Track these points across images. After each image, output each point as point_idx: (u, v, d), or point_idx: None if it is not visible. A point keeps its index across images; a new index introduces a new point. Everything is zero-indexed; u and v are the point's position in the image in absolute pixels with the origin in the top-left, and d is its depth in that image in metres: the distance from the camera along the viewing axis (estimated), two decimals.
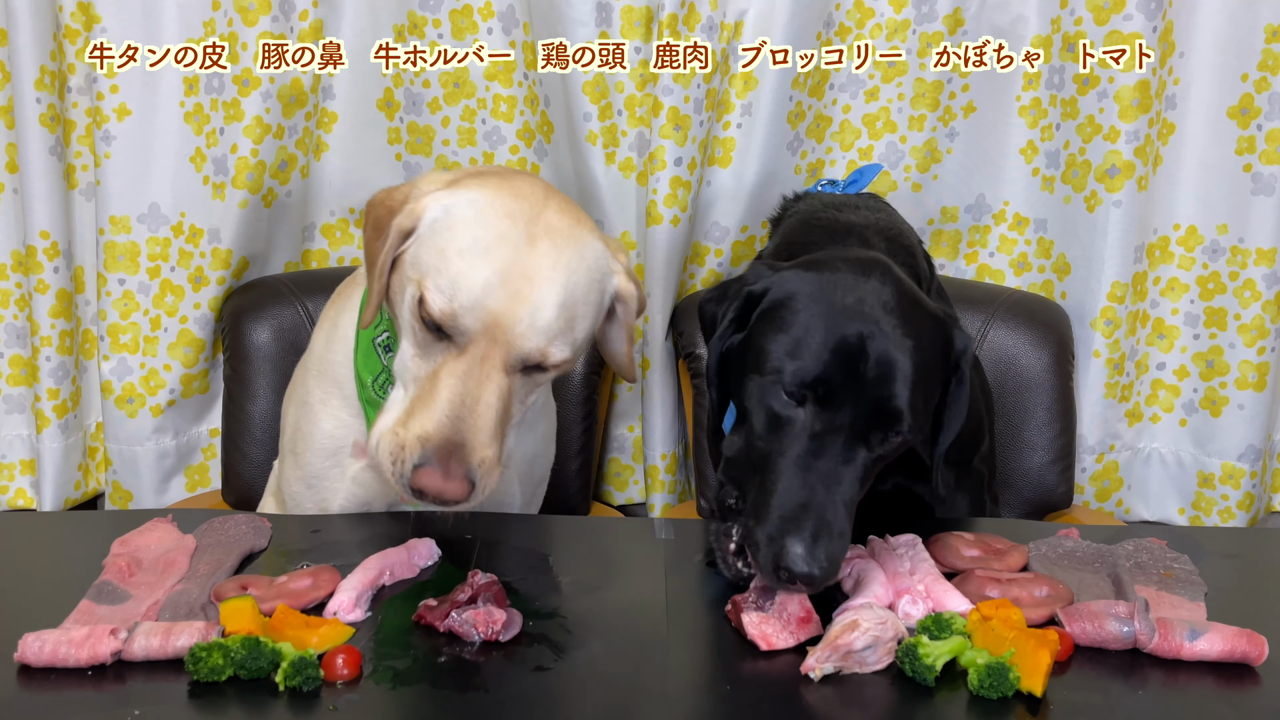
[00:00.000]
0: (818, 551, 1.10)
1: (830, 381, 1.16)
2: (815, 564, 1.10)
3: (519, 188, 1.25)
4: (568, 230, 1.23)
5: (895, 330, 1.19)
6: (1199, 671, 1.08)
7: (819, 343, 1.17)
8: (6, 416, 2.27)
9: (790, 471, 1.15)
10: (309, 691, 1.02)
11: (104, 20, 2.07)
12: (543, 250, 1.20)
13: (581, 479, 2.07)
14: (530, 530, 1.40)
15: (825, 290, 1.21)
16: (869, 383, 1.16)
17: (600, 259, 1.27)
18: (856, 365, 1.16)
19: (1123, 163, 2.05)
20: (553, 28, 2.06)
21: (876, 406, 1.17)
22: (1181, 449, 2.25)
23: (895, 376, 1.17)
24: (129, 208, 2.13)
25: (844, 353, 1.17)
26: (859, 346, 1.17)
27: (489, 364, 1.18)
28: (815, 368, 1.16)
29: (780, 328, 1.20)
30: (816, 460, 1.15)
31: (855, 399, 1.16)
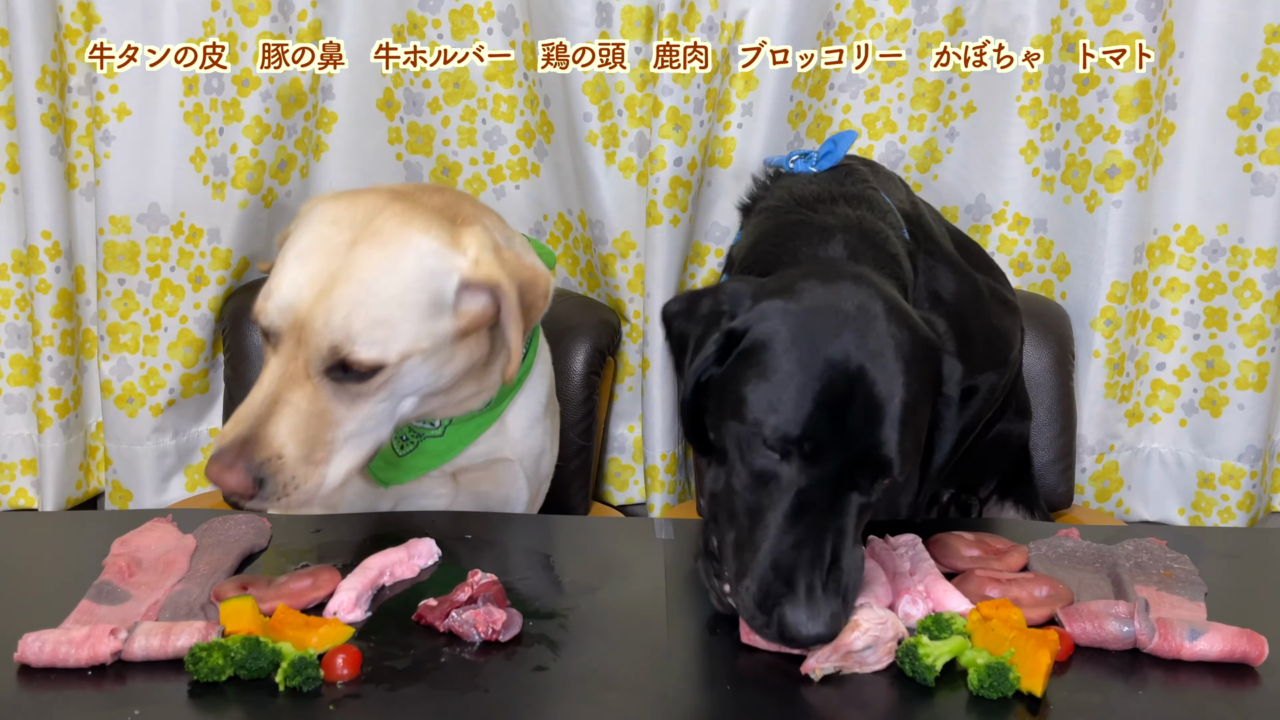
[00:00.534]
0: (818, 612, 1.05)
1: (815, 437, 1.10)
2: (816, 626, 1.05)
3: (362, 199, 1.27)
4: (391, 233, 1.23)
5: (881, 370, 1.12)
6: (1199, 671, 1.07)
7: (801, 394, 1.10)
8: (8, 416, 2.27)
9: (778, 529, 1.09)
10: (309, 691, 1.02)
11: (104, 20, 2.08)
12: (358, 253, 1.21)
13: (581, 479, 2.07)
14: (530, 530, 1.40)
15: (806, 330, 1.14)
16: (855, 432, 1.11)
17: (428, 257, 1.23)
18: (842, 416, 1.10)
19: (1123, 163, 2.05)
20: (553, 28, 2.06)
21: (864, 455, 1.11)
22: (1181, 449, 2.25)
23: (883, 422, 1.11)
24: (129, 208, 2.13)
25: (827, 404, 1.10)
26: (844, 395, 1.11)
27: (296, 365, 1.19)
28: (798, 422, 1.10)
29: (760, 374, 1.13)
30: (804, 515, 1.09)
31: (841, 450, 1.10)
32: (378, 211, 1.25)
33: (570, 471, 2.04)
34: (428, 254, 1.24)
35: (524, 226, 2.26)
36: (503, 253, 1.30)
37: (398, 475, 1.46)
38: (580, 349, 2.04)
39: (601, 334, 2.09)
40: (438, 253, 1.24)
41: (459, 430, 1.44)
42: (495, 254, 1.28)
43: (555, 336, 2.04)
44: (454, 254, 1.25)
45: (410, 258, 1.22)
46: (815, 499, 1.10)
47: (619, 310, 2.21)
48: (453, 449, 1.45)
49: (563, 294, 2.18)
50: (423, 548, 1.27)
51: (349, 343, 1.18)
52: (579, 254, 2.25)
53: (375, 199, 1.27)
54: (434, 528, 1.36)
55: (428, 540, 1.28)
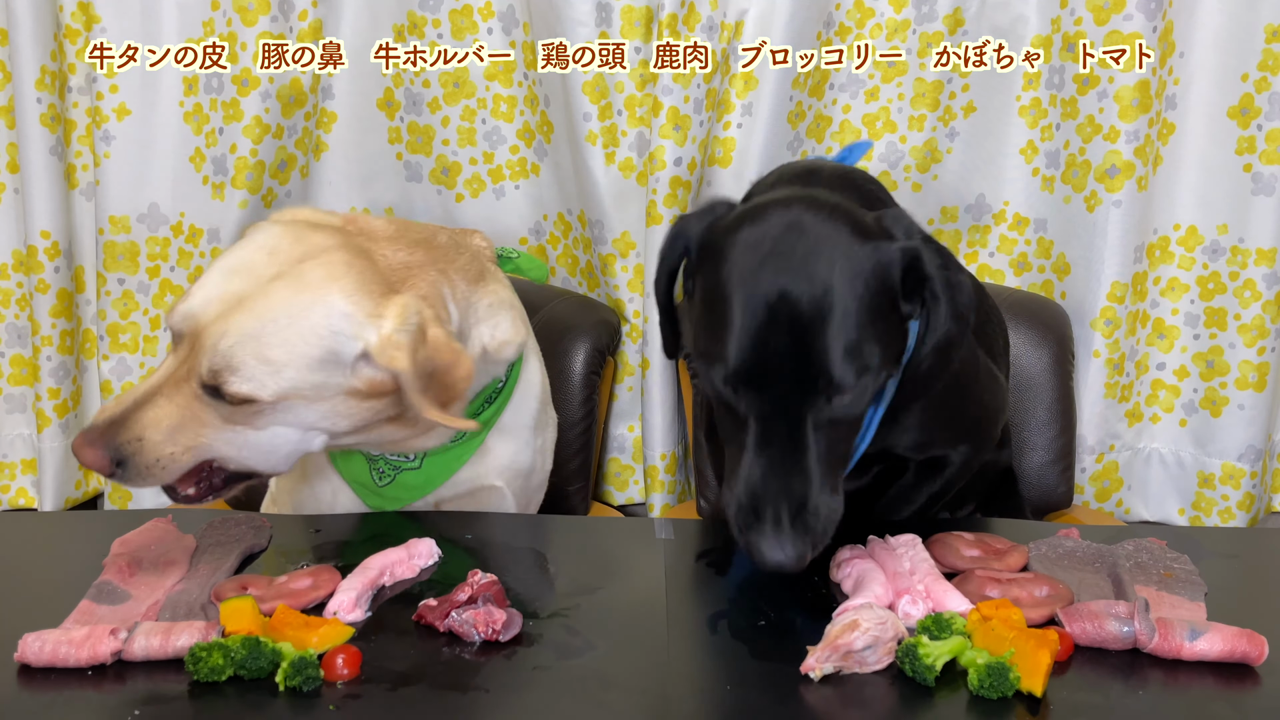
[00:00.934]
0: (782, 543, 1.10)
1: (749, 370, 1.11)
2: (780, 554, 1.10)
3: (311, 237, 1.27)
4: (313, 282, 1.23)
5: (808, 287, 1.11)
6: (1199, 671, 1.07)
7: (737, 327, 1.12)
8: (7, 416, 2.27)
9: (744, 460, 1.13)
10: (309, 691, 1.02)
11: (104, 20, 2.08)
12: (274, 289, 1.22)
13: (581, 479, 2.06)
14: (530, 530, 1.40)
15: (743, 255, 1.14)
16: (791, 357, 1.11)
17: (336, 319, 1.23)
18: (773, 344, 1.11)
19: (1123, 163, 2.05)
20: (553, 28, 2.06)
21: (807, 378, 1.11)
22: (1181, 449, 2.25)
23: (812, 334, 1.11)
24: (129, 207, 2.13)
25: (760, 334, 1.11)
26: (772, 321, 1.11)
27: (183, 369, 1.22)
28: (736, 359, 1.11)
29: (706, 307, 1.16)
30: (767, 446, 1.12)
31: (783, 376, 1.11)
32: (315, 256, 1.24)
33: (570, 471, 2.04)
34: (337, 316, 1.23)
35: (524, 227, 2.26)
36: (427, 332, 1.27)
37: (382, 503, 1.47)
38: (580, 349, 2.03)
39: (601, 334, 2.09)
40: (348, 317, 1.23)
41: (436, 462, 1.44)
42: (413, 337, 1.25)
43: (555, 336, 2.04)
44: (366, 325, 1.23)
45: (318, 313, 1.22)
46: (774, 427, 1.12)
47: (619, 310, 2.21)
48: (432, 481, 1.45)
49: (563, 294, 2.18)
50: (423, 548, 1.27)
51: (228, 371, 1.20)
52: (579, 254, 2.25)
53: (323, 241, 1.27)
54: (434, 528, 1.36)
55: (428, 540, 1.28)
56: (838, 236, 1.14)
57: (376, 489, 1.45)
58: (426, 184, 2.24)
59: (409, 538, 1.29)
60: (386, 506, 1.47)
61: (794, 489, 1.11)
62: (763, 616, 1.17)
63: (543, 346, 2.01)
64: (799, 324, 1.11)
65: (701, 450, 2.04)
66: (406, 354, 1.24)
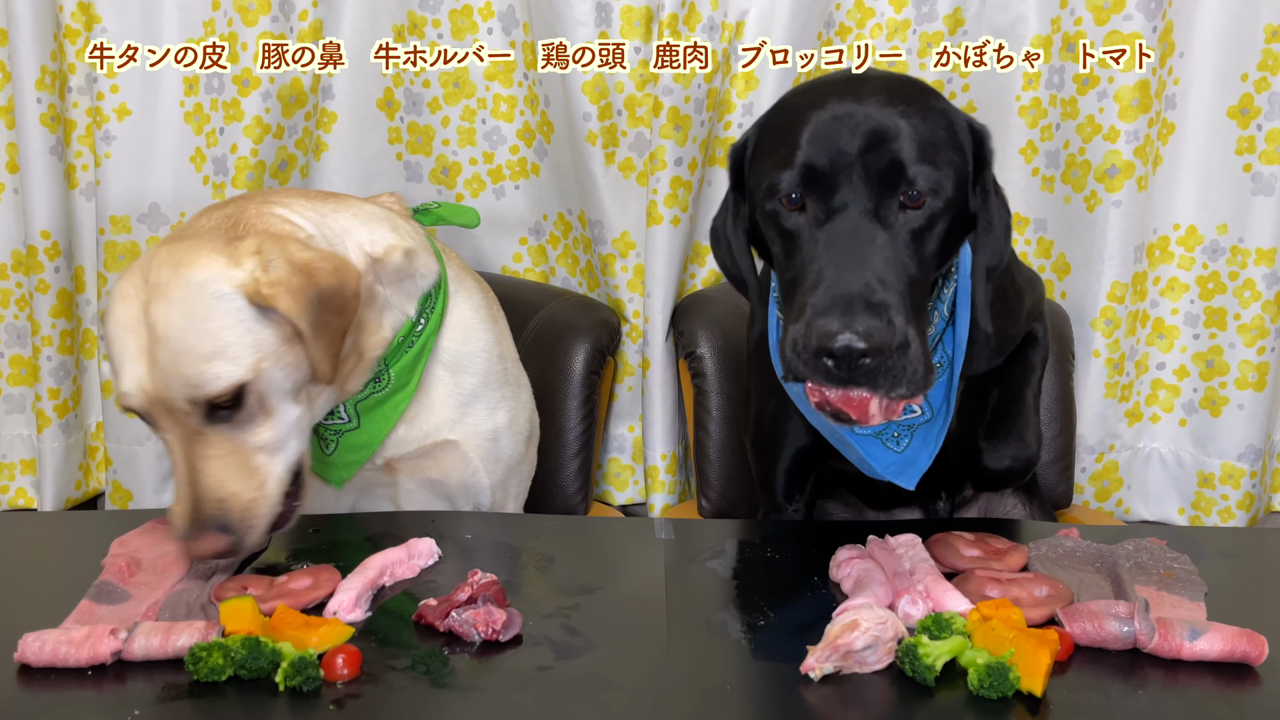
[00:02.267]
0: (852, 321, 1.02)
1: (815, 166, 1.09)
2: (852, 331, 1.01)
3: (134, 263, 1.29)
4: (166, 283, 1.24)
5: (879, 104, 1.11)
6: (1199, 671, 1.08)
7: (798, 140, 1.10)
8: (7, 416, 2.27)
9: (811, 270, 1.08)
10: (309, 691, 1.02)
11: (104, 20, 2.08)
12: (150, 315, 1.23)
13: (581, 479, 2.06)
14: (530, 530, 1.40)
15: (800, 102, 1.14)
16: (859, 153, 1.09)
17: (209, 286, 1.24)
18: (839, 143, 1.09)
19: (1122, 163, 2.05)
20: (553, 28, 2.06)
21: (875, 172, 1.09)
22: (1181, 449, 2.25)
23: (889, 138, 1.09)
24: (129, 207, 2.13)
25: (825, 137, 1.10)
26: (839, 128, 1.10)
27: (183, 428, 1.23)
28: (799, 161, 1.10)
29: (764, 154, 1.15)
30: (835, 246, 1.07)
31: (851, 173, 1.09)
32: (148, 267, 1.26)
33: (570, 472, 2.04)
34: (206, 284, 1.24)
35: (524, 226, 2.26)
36: (294, 257, 1.27)
37: (339, 473, 1.47)
38: (580, 349, 2.03)
39: (601, 334, 2.09)
40: (215, 278, 1.24)
41: (373, 417, 1.44)
42: (280, 267, 1.25)
43: (555, 336, 2.04)
44: (230, 274, 1.24)
45: (193, 296, 1.23)
46: (841, 228, 1.08)
47: (619, 310, 2.21)
48: (374, 438, 1.45)
49: (563, 294, 2.18)
50: (422, 547, 1.27)
51: (200, 388, 1.21)
52: (579, 254, 2.25)
53: (144, 255, 1.29)
54: (434, 528, 1.36)
55: (428, 540, 1.28)
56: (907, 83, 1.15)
57: (325, 459, 1.45)
58: (426, 184, 2.24)
59: (409, 538, 1.29)
60: (345, 476, 1.47)
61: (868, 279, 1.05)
62: (763, 616, 1.17)
63: (543, 346, 2.02)
64: (873, 126, 1.09)
65: (702, 450, 2.04)
66: (283, 289, 1.24)
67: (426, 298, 1.44)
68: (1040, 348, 1.51)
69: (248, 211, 1.34)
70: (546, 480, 2.00)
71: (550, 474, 2.00)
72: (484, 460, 1.53)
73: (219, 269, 1.24)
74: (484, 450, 1.53)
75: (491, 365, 1.53)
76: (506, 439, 1.57)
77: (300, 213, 1.36)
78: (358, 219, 1.41)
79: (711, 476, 2.04)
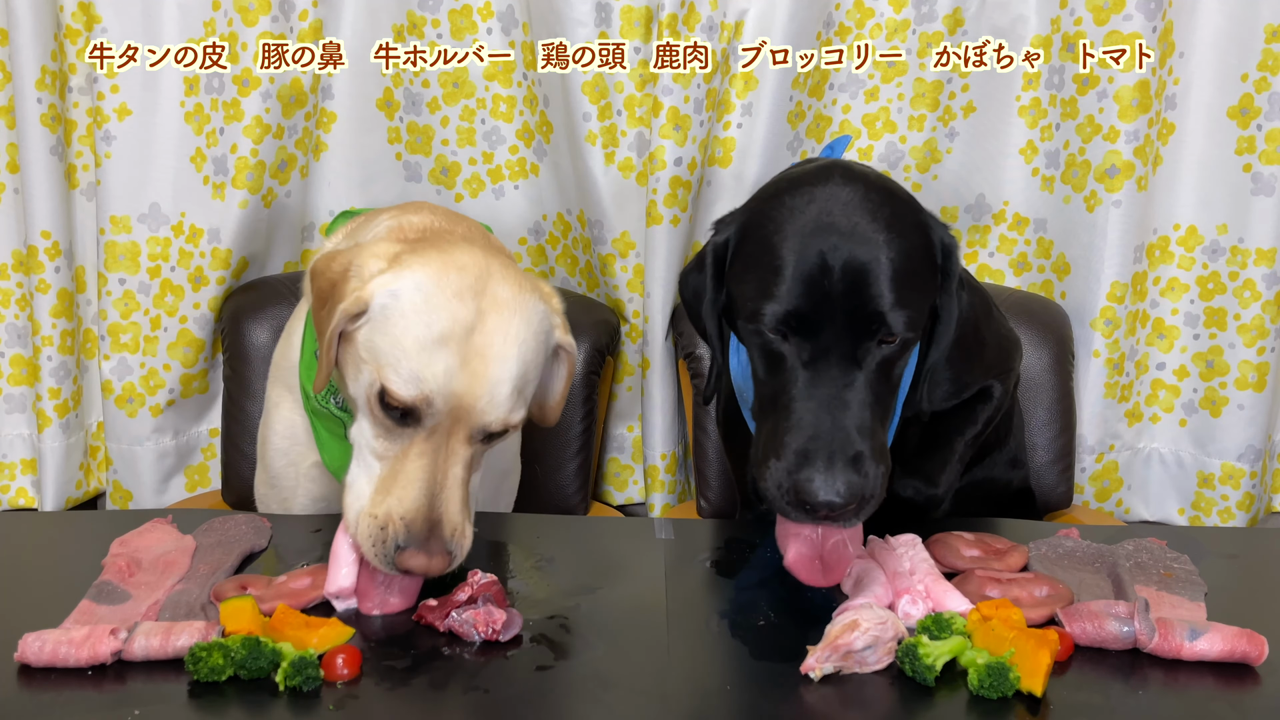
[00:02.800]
0: (833, 479, 1.10)
1: (801, 311, 1.14)
2: (832, 490, 1.09)
3: (461, 261, 1.26)
4: (513, 300, 1.25)
5: (860, 231, 1.15)
6: (1199, 671, 1.08)
7: (785, 273, 1.15)
8: (8, 416, 2.27)
9: (794, 406, 1.14)
10: (309, 691, 1.02)
11: (104, 20, 2.08)
12: (492, 326, 1.22)
13: (581, 479, 2.07)
14: (530, 530, 1.40)
15: (783, 213, 1.18)
16: (841, 297, 1.14)
17: (544, 319, 1.30)
18: (823, 284, 1.14)
19: (1122, 163, 2.05)
20: (552, 28, 2.06)
21: (856, 319, 1.15)
22: (1181, 449, 2.25)
23: (867, 281, 1.14)
24: (129, 208, 2.13)
25: (809, 276, 1.14)
26: (822, 263, 1.14)
27: (454, 441, 1.22)
28: (785, 300, 1.14)
29: (747, 266, 1.19)
30: (816, 389, 1.14)
31: (832, 319, 1.14)
32: (486, 274, 1.26)
33: (570, 472, 2.04)
34: (544, 316, 1.30)
35: (524, 227, 2.26)
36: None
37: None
38: (580, 349, 2.04)
39: (601, 334, 2.09)
40: (547, 315, 1.31)
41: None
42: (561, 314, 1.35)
43: None
44: (551, 313, 1.32)
45: (535, 322, 1.27)
46: (823, 371, 1.14)
47: (618, 310, 2.21)
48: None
49: (563, 294, 2.18)
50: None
51: (513, 413, 1.23)
52: (578, 254, 2.25)
53: (473, 258, 1.27)
54: None
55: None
56: (887, 200, 1.19)
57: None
58: (426, 184, 2.24)
59: None
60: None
61: (846, 428, 1.12)
62: (763, 616, 1.17)
63: None
64: (855, 269, 1.14)
65: (702, 450, 2.04)
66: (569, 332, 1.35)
67: None
68: (990, 406, 1.54)
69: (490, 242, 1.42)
70: (546, 480, 2.00)
71: (550, 474, 2.01)
72: (488, 492, 1.55)
73: (546, 306, 1.31)
74: (491, 485, 1.55)
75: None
76: (513, 475, 1.60)
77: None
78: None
79: (711, 476, 2.04)
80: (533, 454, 1.69)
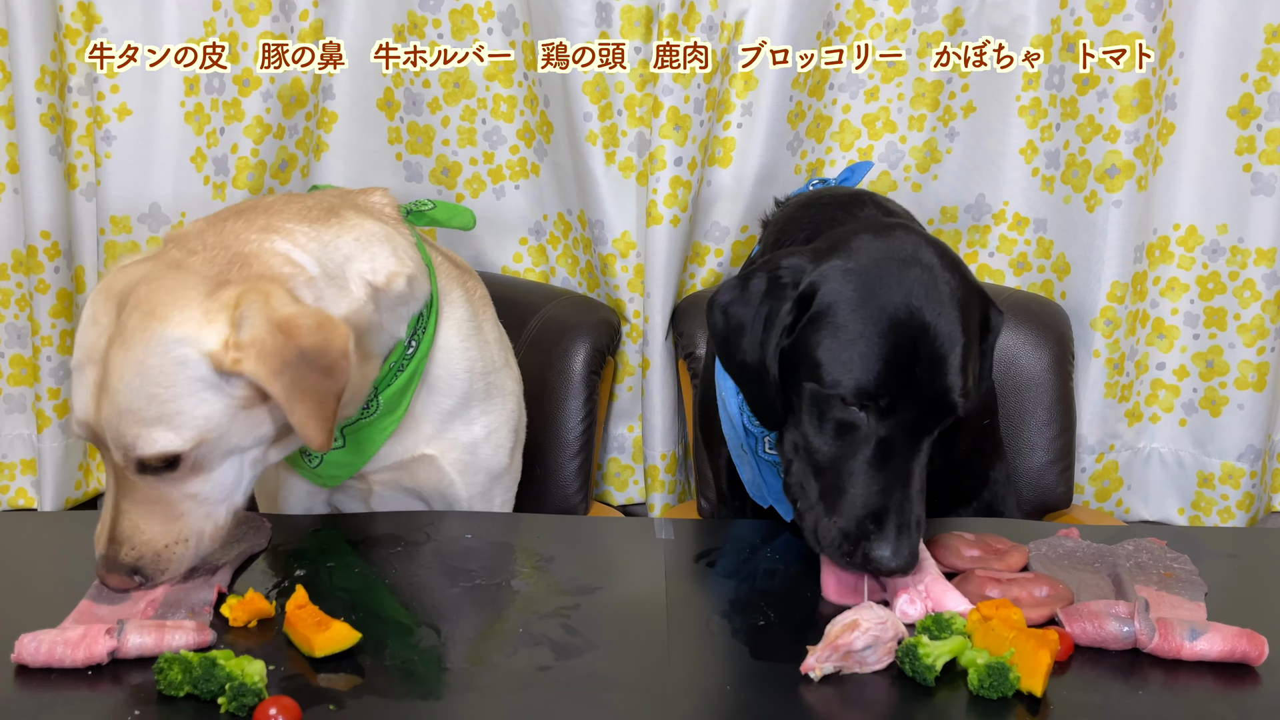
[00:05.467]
0: (901, 548, 1.18)
1: (889, 392, 1.20)
2: (900, 559, 1.17)
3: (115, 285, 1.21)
4: (134, 331, 1.17)
5: (943, 320, 1.22)
6: (1199, 671, 1.08)
7: (873, 351, 1.20)
8: (7, 416, 2.27)
9: (864, 475, 1.21)
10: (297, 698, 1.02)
11: (104, 20, 2.08)
12: (112, 358, 1.17)
13: (581, 479, 2.06)
14: (530, 530, 1.40)
15: (870, 286, 1.23)
16: (924, 383, 1.21)
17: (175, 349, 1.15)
18: (911, 368, 1.20)
19: (1123, 163, 2.05)
20: (553, 28, 2.06)
21: (934, 402, 1.21)
22: (1181, 449, 2.25)
23: (948, 370, 1.21)
24: (130, 208, 2.13)
25: (898, 359, 1.20)
26: (912, 349, 1.20)
27: (108, 462, 1.21)
28: (872, 380, 1.20)
29: (832, 335, 1.22)
30: (887, 461, 1.20)
31: (913, 401, 1.21)
32: (125, 302, 1.19)
33: (570, 472, 2.04)
34: (171, 346, 1.15)
35: (524, 226, 2.26)
36: (274, 314, 1.17)
37: (320, 480, 1.46)
38: (580, 349, 2.03)
39: (601, 334, 2.08)
40: (183, 340, 1.15)
41: (360, 440, 1.39)
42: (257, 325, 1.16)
43: (555, 336, 2.04)
44: (200, 338, 1.16)
45: (155, 354, 1.16)
46: (893, 445, 1.21)
47: (619, 310, 2.21)
48: (361, 459, 1.41)
49: (563, 294, 2.18)
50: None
51: (132, 448, 1.16)
52: (579, 254, 2.25)
53: (126, 281, 1.21)
54: (434, 528, 1.36)
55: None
56: (962, 283, 1.26)
57: (310, 470, 1.43)
58: (426, 184, 2.24)
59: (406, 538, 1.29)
60: (327, 484, 1.46)
61: (911, 500, 1.21)
62: (763, 616, 1.17)
63: (543, 346, 2.02)
64: (938, 359, 1.21)
65: (701, 450, 2.04)
66: (254, 351, 1.15)
67: (417, 318, 1.38)
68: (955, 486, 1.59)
69: (248, 243, 1.25)
70: (546, 480, 2.00)
71: (550, 474, 2.00)
72: (462, 472, 1.49)
73: (189, 329, 1.16)
74: (462, 463, 1.49)
75: (473, 384, 1.48)
76: (486, 450, 1.52)
77: (302, 245, 1.27)
78: (359, 243, 1.32)
79: (710, 477, 2.04)
80: (533, 454, 1.68)
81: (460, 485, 1.50)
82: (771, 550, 1.32)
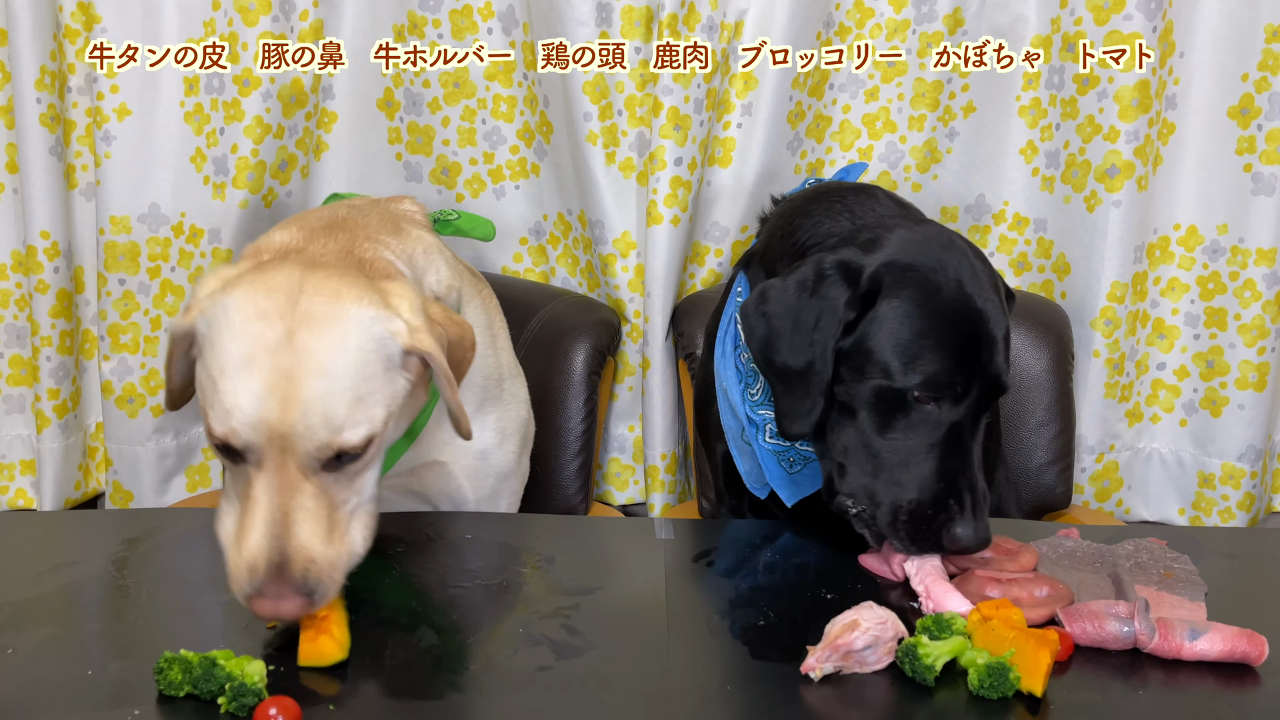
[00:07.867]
0: (980, 525, 1.24)
1: (958, 380, 1.26)
2: (980, 535, 1.24)
3: (273, 280, 1.17)
4: (325, 313, 1.15)
5: (991, 305, 1.29)
6: (1199, 671, 1.08)
7: (944, 342, 1.26)
8: (6, 416, 2.27)
9: (935, 463, 1.26)
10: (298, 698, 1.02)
11: (104, 20, 2.08)
12: (300, 344, 1.13)
13: (581, 479, 2.06)
14: (530, 530, 1.40)
15: (930, 279, 1.28)
16: (984, 368, 1.28)
17: (372, 326, 1.17)
18: (974, 355, 1.27)
19: (1123, 163, 2.05)
20: (553, 28, 2.06)
21: (992, 385, 1.29)
22: (1181, 449, 2.25)
23: (996, 354, 1.29)
24: (129, 208, 2.13)
25: (961, 347, 1.27)
26: (972, 337, 1.27)
27: (288, 473, 1.12)
28: (949, 369, 1.25)
29: (901, 329, 1.26)
30: (958, 444, 1.26)
31: (977, 385, 1.27)
32: (298, 290, 1.16)
33: (570, 472, 2.04)
34: (372, 323, 1.17)
35: (524, 227, 2.26)
36: (430, 309, 1.24)
37: None
38: (580, 349, 2.03)
39: (601, 334, 2.08)
40: (377, 319, 1.17)
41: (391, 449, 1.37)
42: (424, 317, 1.21)
43: (555, 336, 2.04)
44: (390, 318, 1.18)
45: (355, 332, 1.15)
46: (961, 428, 1.27)
47: (619, 310, 2.21)
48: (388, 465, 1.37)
49: (563, 294, 2.18)
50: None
51: (338, 433, 1.12)
52: (579, 254, 2.25)
53: (286, 276, 1.18)
54: (433, 529, 1.36)
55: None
56: (984, 263, 1.33)
57: None
58: (427, 184, 2.24)
59: (411, 539, 1.29)
60: None
61: (977, 478, 1.27)
62: (763, 616, 1.17)
63: (543, 346, 2.02)
64: (991, 342, 1.28)
65: (701, 451, 2.04)
66: (430, 334, 1.20)
67: None
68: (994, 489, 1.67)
69: (364, 251, 1.27)
70: (546, 480, 2.00)
71: (550, 474, 2.00)
72: (470, 477, 1.50)
73: (378, 310, 1.17)
74: (472, 469, 1.50)
75: (487, 391, 1.50)
76: (496, 455, 1.53)
77: (397, 255, 1.31)
78: (425, 255, 1.37)
79: (711, 476, 2.04)
80: (533, 454, 1.68)
81: (468, 489, 1.51)
82: (771, 550, 1.32)
